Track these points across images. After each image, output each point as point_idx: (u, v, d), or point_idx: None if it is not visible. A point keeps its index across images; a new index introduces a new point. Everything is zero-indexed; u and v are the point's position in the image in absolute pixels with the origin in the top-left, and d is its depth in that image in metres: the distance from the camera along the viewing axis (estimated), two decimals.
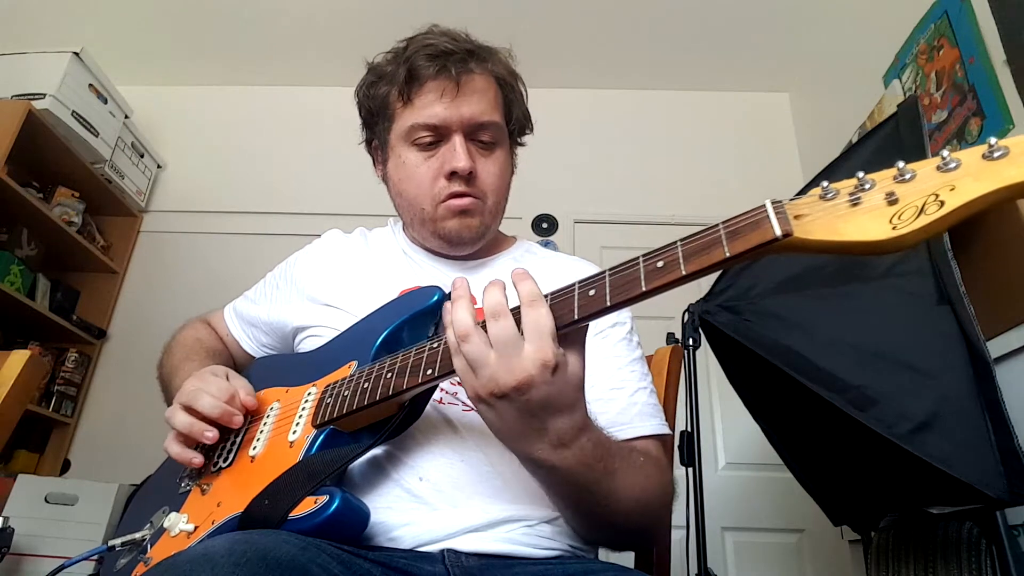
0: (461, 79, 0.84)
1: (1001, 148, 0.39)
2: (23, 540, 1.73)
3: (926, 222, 0.40)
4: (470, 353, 0.54)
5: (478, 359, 0.54)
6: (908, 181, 0.42)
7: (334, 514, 0.59)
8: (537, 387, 0.53)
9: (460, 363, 0.56)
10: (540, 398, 0.54)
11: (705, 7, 2.46)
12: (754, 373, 1.30)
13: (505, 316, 0.54)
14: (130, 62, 2.76)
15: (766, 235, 0.45)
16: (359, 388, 0.66)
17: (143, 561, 0.69)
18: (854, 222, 0.43)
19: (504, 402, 0.54)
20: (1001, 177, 0.39)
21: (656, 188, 2.69)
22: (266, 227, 2.66)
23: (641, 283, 0.51)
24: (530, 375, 0.52)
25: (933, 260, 1.12)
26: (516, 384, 0.53)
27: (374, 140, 0.95)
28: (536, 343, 0.53)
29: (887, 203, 0.42)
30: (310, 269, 0.95)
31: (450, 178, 0.85)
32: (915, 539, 1.22)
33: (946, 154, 0.41)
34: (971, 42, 1.64)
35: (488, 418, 0.57)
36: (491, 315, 0.55)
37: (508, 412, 0.55)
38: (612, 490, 0.63)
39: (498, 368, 0.53)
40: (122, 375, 2.47)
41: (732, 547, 2.18)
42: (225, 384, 0.75)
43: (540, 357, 0.52)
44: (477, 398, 0.56)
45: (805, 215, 0.45)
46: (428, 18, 0.93)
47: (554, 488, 0.64)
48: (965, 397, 1.01)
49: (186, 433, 0.72)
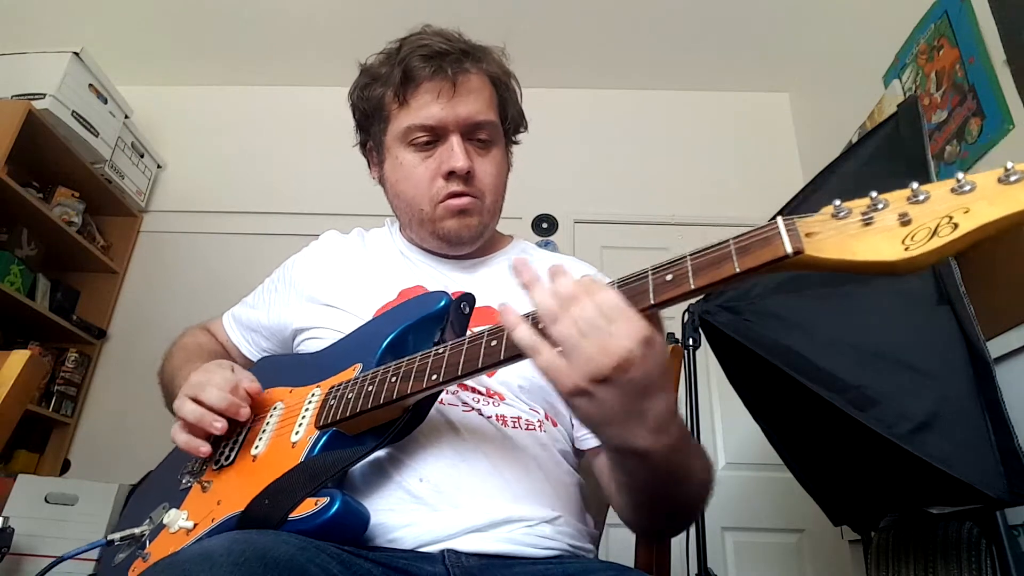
0: (457, 79, 0.84)
1: (1017, 172, 0.39)
2: (23, 540, 1.73)
3: (939, 244, 0.40)
4: (562, 336, 0.51)
5: (571, 343, 0.51)
6: (922, 202, 0.42)
7: (334, 516, 0.59)
8: (636, 364, 0.50)
9: (547, 356, 0.52)
10: (640, 376, 0.51)
11: (705, 7, 2.46)
12: (754, 373, 1.30)
13: (583, 296, 0.51)
14: (130, 62, 2.76)
15: (777, 252, 0.45)
16: (363, 391, 0.66)
17: (141, 556, 0.69)
18: (866, 241, 0.43)
19: (605, 387, 0.51)
20: (1016, 201, 0.39)
21: (656, 188, 2.69)
22: (266, 227, 2.66)
23: (650, 295, 0.51)
24: (629, 350, 0.49)
25: None
26: (618, 362, 0.49)
27: (369, 142, 0.95)
28: (624, 318, 0.50)
29: (900, 224, 0.42)
30: (308, 270, 0.95)
31: (448, 178, 0.85)
32: (915, 539, 1.22)
33: (961, 176, 0.41)
34: (971, 42, 1.64)
35: (587, 410, 0.53)
36: (570, 299, 0.51)
37: (610, 397, 0.51)
38: (688, 474, 0.62)
39: (594, 350, 0.50)
40: (122, 375, 2.47)
41: (732, 547, 2.18)
42: (230, 375, 0.75)
43: (634, 331, 0.50)
44: (575, 389, 0.51)
45: (816, 233, 0.45)
46: (428, 18, 0.93)
47: (640, 478, 0.61)
48: (965, 397, 1.01)
49: (195, 423, 0.71)
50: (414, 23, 0.93)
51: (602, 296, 0.51)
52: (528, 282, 0.55)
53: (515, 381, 0.79)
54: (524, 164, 1.00)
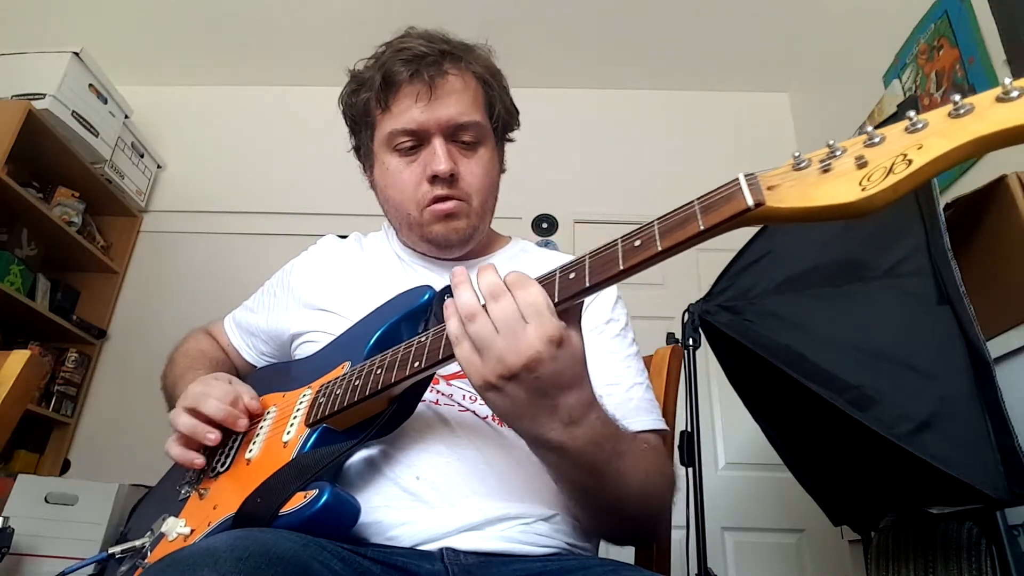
0: (435, 82, 0.84)
1: (966, 105, 0.40)
2: (23, 540, 1.73)
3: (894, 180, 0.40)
4: (477, 335, 0.54)
5: (484, 341, 0.53)
6: (877, 144, 0.43)
7: (323, 507, 0.59)
8: (545, 363, 0.52)
9: (465, 350, 0.55)
10: (549, 374, 0.53)
11: (705, 7, 2.46)
12: (754, 373, 1.30)
13: (505, 295, 0.54)
14: (130, 62, 2.76)
15: (739, 206, 0.46)
16: (351, 385, 0.67)
17: (141, 567, 0.69)
18: (824, 188, 0.43)
19: (513, 384, 0.53)
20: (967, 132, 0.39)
21: (656, 188, 2.69)
22: (266, 227, 2.66)
23: (619, 262, 0.52)
24: (538, 351, 0.52)
25: (933, 260, 1.12)
26: (525, 363, 0.52)
27: (360, 147, 0.95)
28: (537, 320, 0.52)
29: (857, 167, 0.42)
30: (306, 275, 0.96)
31: (432, 182, 0.84)
32: (915, 539, 1.22)
33: (913, 115, 0.42)
34: (971, 42, 1.64)
35: (497, 404, 0.56)
36: (491, 297, 0.54)
37: (518, 393, 0.54)
38: (621, 472, 0.63)
39: (505, 349, 0.52)
40: (122, 375, 2.47)
41: (732, 547, 2.18)
42: (229, 387, 0.76)
43: (544, 332, 0.52)
44: (485, 385, 0.54)
45: (777, 185, 0.46)
46: (429, 18, 0.93)
47: (564, 472, 0.63)
48: (965, 397, 1.01)
49: (189, 435, 0.72)
50: (414, 23, 0.93)
51: (523, 294, 0.53)
52: (456, 283, 0.57)
53: None
54: (524, 164, 1.00)
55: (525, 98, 0.97)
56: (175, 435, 0.74)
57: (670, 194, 2.65)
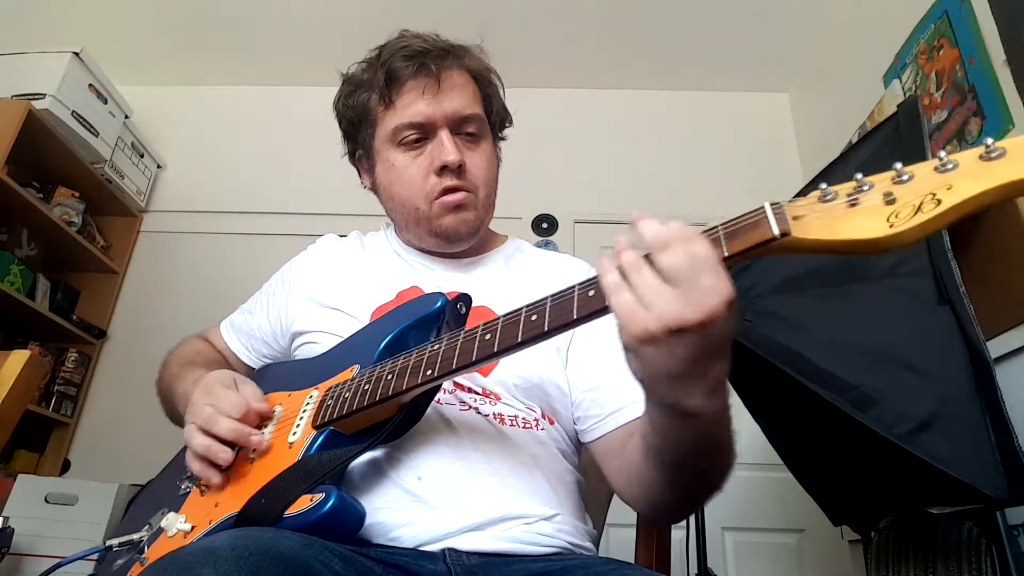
0: (441, 75, 0.84)
1: (998, 149, 0.40)
2: (23, 540, 1.73)
3: (923, 220, 0.40)
4: (642, 285, 0.48)
5: (653, 290, 0.47)
6: (906, 182, 0.43)
7: (329, 512, 0.59)
8: (718, 324, 0.46)
9: (626, 298, 0.48)
10: (718, 336, 0.47)
11: (705, 7, 2.46)
12: (754, 373, 1.30)
13: (681, 244, 0.47)
14: (130, 62, 2.76)
15: (764, 235, 0.46)
16: (360, 390, 0.67)
17: (139, 561, 0.69)
18: (851, 222, 0.43)
19: (678, 339, 0.47)
20: (997, 176, 0.39)
21: (656, 188, 2.69)
22: (266, 227, 2.66)
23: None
24: (717, 307, 0.46)
25: (933, 260, 1.12)
26: (703, 319, 0.46)
27: (358, 151, 0.95)
28: (716, 274, 0.46)
29: (884, 203, 0.43)
30: (307, 272, 0.95)
31: (441, 173, 0.85)
32: (915, 539, 1.22)
33: (944, 155, 0.42)
34: (971, 42, 1.64)
35: (650, 358, 0.49)
36: (661, 246, 0.48)
37: (680, 351, 0.48)
38: (722, 446, 0.60)
39: (681, 301, 0.46)
40: (122, 375, 2.47)
41: (732, 547, 2.18)
42: (236, 398, 0.72)
43: (725, 289, 0.46)
44: (646, 336, 0.47)
45: (803, 216, 0.46)
46: (429, 18, 0.94)
47: (676, 442, 0.58)
48: (965, 397, 1.01)
49: (202, 455, 0.70)
50: (414, 23, 0.93)
51: (696, 247, 0.47)
52: (636, 219, 0.52)
53: (511, 380, 0.79)
54: (524, 164, 1.00)
55: (525, 98, 0.97)
56: (190, 451, 0.72)
57: (670, 194, 2.65)
